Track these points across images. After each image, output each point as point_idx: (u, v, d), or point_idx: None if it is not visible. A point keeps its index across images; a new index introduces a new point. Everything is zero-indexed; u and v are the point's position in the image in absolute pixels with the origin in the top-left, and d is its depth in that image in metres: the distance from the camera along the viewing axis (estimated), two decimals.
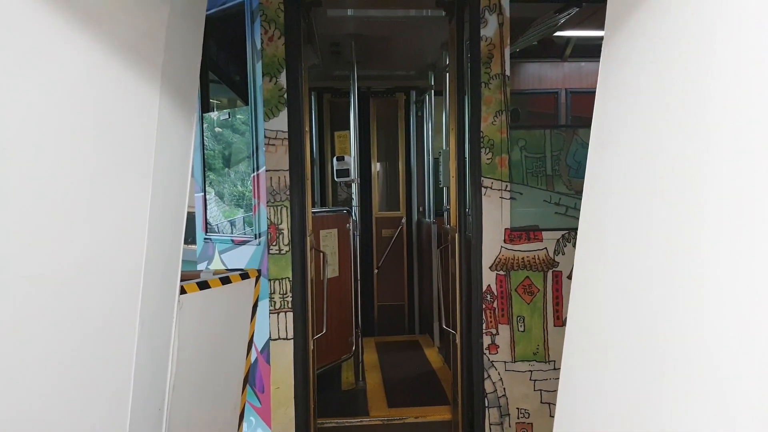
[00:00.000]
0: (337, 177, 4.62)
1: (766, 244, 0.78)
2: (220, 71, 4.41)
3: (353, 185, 4.80)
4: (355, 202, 4.83)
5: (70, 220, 1.31)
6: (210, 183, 3.84)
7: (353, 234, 4.54)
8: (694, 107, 0.97)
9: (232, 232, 3.79)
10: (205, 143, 3.76)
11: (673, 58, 1.06)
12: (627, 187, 1.21)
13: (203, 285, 2.23)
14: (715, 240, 0.88)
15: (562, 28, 4.49)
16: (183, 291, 2.09)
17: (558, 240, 3.26)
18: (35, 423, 1.27)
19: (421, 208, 6.19)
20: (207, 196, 3.77)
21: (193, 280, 2.22)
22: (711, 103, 0.93)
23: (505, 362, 3.29)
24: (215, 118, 3.78)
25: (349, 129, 4.77)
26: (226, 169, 3.90)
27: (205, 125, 3.73)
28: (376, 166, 6.32)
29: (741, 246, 0.82)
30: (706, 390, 0.87)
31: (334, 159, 4.66)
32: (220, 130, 3.86)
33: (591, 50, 5.37)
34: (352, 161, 4.58)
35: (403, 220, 6.19)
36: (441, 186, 4.96)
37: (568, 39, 5.33)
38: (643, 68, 1.19)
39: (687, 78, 1.00)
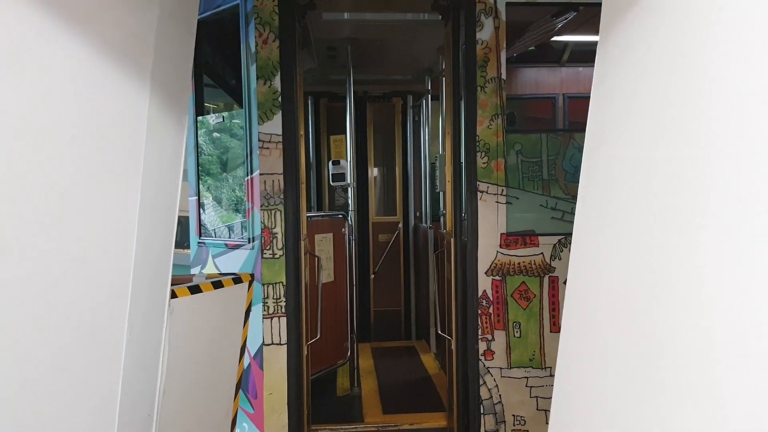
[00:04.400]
0: (332, 181, 4.59)
1: (762, 248, 0.76)
2: (216, 74, 4.39)
3: (349, 189, 4.78)
4: (351, 206, 4.80)
5: (53, 222, 1.29)
6: (207, 188, 3.81)
7: (349, 238, 4.52)
8: (688, 109, 0.96)
9: (230, 237, 3.76)
10: (201, 147, 3.74)
11: (666, 58, 1.04)
12: (620, 190, 1.19)
13: (195, 289, 2.21)
14: (710, 243, 0.86)
15: (559, 33, 4.49)
16: (174, 295, 2.06)
17: (554, 245, 3.24)
18: (18, 428, 1.24)
19: (417, 213, 6.17)
20: (203, 201, 3.75)
21: (184, 284, 2.19)
22: (705, 105, 0.91)
23: (500, 368, 3.26)
24: (213, 122, 3.76)
25: (345, 133, 4.76)
26: (224, 173, 3.88)
27: (201, 130, 3.71)
28: (373, 171, 6.30)
29: (737, 248, 0.80)
30: (701, 393, 0.85)
31: (330, 163, 4.64)
32: (218, 135, 3.83)
33: (588, 55, 5.36)
34: (348, 165, 4.56)
35: (400, 225, 6.17)
36: (438, 191, 4.94)
37: (566, 44, 5.32)
38: (637, 69, 1.17)
39: (680, 78, 0.99)
